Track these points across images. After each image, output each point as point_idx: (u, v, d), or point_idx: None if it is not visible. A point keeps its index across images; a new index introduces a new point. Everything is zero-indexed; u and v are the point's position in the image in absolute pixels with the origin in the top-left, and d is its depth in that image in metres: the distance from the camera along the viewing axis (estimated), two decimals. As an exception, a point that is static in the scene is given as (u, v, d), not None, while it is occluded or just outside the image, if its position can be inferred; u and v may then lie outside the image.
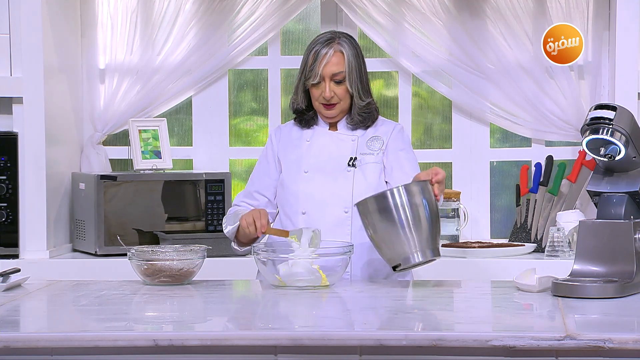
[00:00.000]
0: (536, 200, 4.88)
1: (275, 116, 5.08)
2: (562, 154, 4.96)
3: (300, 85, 3.70)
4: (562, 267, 3.69)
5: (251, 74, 5.13)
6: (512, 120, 4.96)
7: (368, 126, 3.74)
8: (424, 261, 3.32)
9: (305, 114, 3.75)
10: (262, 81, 5.12)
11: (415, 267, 3.40)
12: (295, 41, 5.12)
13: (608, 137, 3.23)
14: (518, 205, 4.94)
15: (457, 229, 4.87)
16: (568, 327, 2.71)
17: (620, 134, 3.23)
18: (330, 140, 3.73)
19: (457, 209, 4.87)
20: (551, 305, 3.05)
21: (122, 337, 2.68)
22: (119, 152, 5.02)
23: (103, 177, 4.63)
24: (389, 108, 5.03)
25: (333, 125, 3.75)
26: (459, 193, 4.92)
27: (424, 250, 3.31)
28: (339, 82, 3.65)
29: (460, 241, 4.85)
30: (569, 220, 4.56)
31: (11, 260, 4.43)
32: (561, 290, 3.15)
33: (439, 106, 5.11)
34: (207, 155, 5.08)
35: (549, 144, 4.99)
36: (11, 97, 4.56)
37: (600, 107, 3.29)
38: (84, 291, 3.37)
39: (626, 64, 4.56)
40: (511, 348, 2.61)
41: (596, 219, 3.33)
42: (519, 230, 4.90)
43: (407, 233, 3.29)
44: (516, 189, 4.97)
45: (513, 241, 4.89)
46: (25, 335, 2.73)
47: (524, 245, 4.76)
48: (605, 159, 3.27)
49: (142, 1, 4.95)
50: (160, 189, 4.70)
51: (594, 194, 3.36)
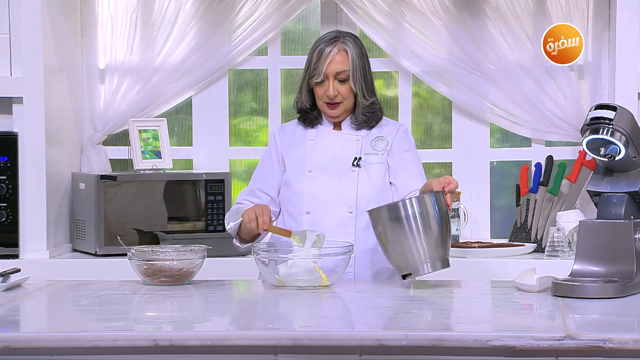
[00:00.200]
0: (536, 200, 4.88)
1: (275, 116, 5.08)
2: (562, 154, 4.96)
3: (305, 84, 3.70)
4: (562, 267, 3.69)
5: (251, 74, 5.12)
6: (512, 120, 4.95)
7: (372, 126, 3.74)
8: (433, 272, 3.34)
9: (309, 113, 3.75)
10: (262, 81, 5.11)
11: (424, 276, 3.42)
12: (295, 41, 5.12)
13: (608, 137, 3.23)
14: (518, 205, 4.94)
15: (457, 229, 4.87)
16: (568, 327, 2.71)
17: (620, 134, 3.23)
18: (334, 139, 3.73)
19: (457, 209, 4.87)
20: (551, 305, 3.05)
21: (122, 337, 2.68)
22: (119, 152, 5.02)
23: (103, 177, 4.63)
24: (389, 108, 5.03)
25: (337, 125, 3.75)
26: (459, 193, 4.91)
27: (434, 261, 3.33)
28: (342, 81, 3.65)
29: (460, 241, 4.85)
30: (569, 220, 4.56)
31: (11, 260, 4.43)
32: (561, 290, 3.15)
33: (439, 106, 5.11)
34: (207, 155, 5.08)
35: (549, 144, 4.99)
36: (11, 97, 4.56)
37: (600, 107, 3.29)
38: (84, 291, 3.37)
39: (626, 64, 4.56)
40: (511, 348, 2.61)
41: (596, 219, 3.33)
42: (519, 230, 4.90)
43: (418, 244, 3.31)
44: (516, 189, 4.97)
45: (513, 241, 4.88)
46: (25, 335, 2.73)
47: (524, 245, 4.76)
48: (605, 159, 3.27)
49: (142, 1, 4.95)
50: (160, 189, 4.70)
51: (594, 194, 3.36)
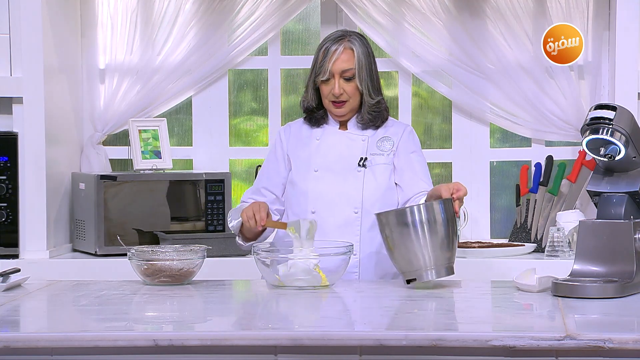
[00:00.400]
0: (536, 200, 4.88)
1: (275, 116, 5.08)
2: (562, 154, 4.96)
3: (311, 83, 3.71)
4: (562, 267, 3.69)
5: (251, 74, 5.12)
6: (512, 120, 4.95)
7: (378, 126, 3.74)
8: (437, 279, 3.35)
9: (315, 112, 3.75)
10: (262, 81, 5.11)
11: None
12: (295, 41, 5.12)
13: (608, 137, 3.23)
14: (518, 205, 4.94)
15: (457, 229, 4.86)
16: (568, 327, 2.71)
17: (620, 134, 3.23)
18: (340, 139, 3.73)
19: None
20: (551, 305, 3.05)
21: (122, 337, 2.68)
22: (119, 152, 5.02)
23: (103, 177, 4.62)
24: (389, 108, 5.01)
25: (343, 125, 3.75)
26: (461, 194, 4.91)
27: (439, 268, 3.33)
28: (348, 79, 3.65)
29: (460, 241, 4.85)
30: (569, 220, 4.56)
31: (11, 260, 4.42)
32: (561, 290, 3.15)
33: (439, 106, 5.11)
34: (207, 155, 5.07)
35: (549, 144, 4.99)
36: (11, 97, 4.56)
37: (600, 107, 3.29)
38: (84, 291, 3.37)
39: (626, 64, 4.56)
40: (511, 348, 2.61)
41: (596, 219, 3.33)
42: (519, 230, 4.90)
43: (424, 250, 3.31)
44: (516, 189, 4.97)
45: (513, 241, 4.88)
46: (25, 335, 2.73)
47: (524, 245, 4.76)
48: (605, 159, 3.27)
49: (142, 1, 4.95)
50: (160, 189, 4.70)
51: (594, 194, 3.36)
